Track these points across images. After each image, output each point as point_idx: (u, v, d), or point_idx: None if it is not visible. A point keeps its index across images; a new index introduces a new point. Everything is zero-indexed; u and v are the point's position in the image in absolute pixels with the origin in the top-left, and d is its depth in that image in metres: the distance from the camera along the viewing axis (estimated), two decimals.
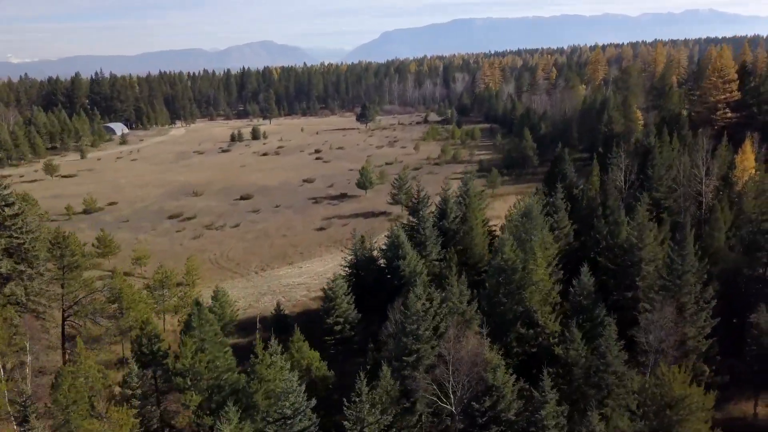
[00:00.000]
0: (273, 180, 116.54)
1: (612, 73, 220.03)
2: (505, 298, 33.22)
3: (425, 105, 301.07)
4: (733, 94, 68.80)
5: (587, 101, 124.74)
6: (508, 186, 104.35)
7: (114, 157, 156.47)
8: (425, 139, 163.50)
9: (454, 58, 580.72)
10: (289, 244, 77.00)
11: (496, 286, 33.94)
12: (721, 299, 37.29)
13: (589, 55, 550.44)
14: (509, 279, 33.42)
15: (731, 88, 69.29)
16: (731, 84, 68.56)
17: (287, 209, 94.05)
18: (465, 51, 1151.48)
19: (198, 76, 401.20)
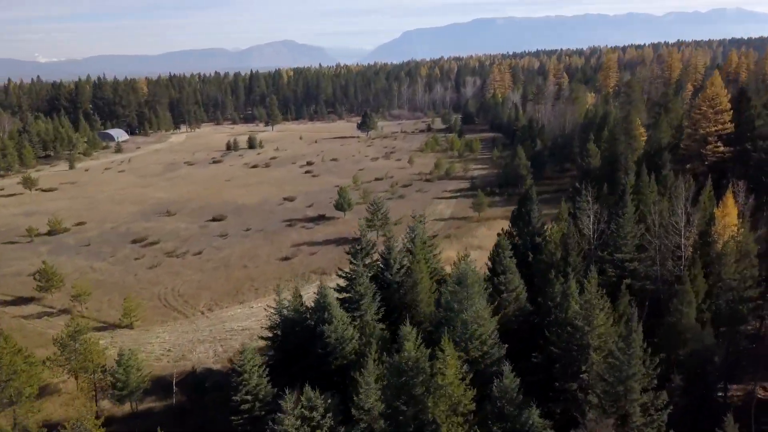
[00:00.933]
0: (253, 198, 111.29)
1: (625, 77, 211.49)
2: (404, 405, 27.12)
3: (435, 110, 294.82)
4: (726, 126, 60.65)
5: (589, 114, 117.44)
6: (497, 208, 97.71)
7: (103, 168, 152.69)
8: (423, 150, 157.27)
9: (470, 60, 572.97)
10: (247, 277, 71.47)
11: (395, 389, 27.80)
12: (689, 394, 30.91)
13: (611, 56, 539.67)
14: (410, 383, 27.33)
15: (723, 119, 60.52)
16: (723, 114, 61.40)
17: (257, 233, 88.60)
18: (485, 51, 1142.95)
19: (208, 78, 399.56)
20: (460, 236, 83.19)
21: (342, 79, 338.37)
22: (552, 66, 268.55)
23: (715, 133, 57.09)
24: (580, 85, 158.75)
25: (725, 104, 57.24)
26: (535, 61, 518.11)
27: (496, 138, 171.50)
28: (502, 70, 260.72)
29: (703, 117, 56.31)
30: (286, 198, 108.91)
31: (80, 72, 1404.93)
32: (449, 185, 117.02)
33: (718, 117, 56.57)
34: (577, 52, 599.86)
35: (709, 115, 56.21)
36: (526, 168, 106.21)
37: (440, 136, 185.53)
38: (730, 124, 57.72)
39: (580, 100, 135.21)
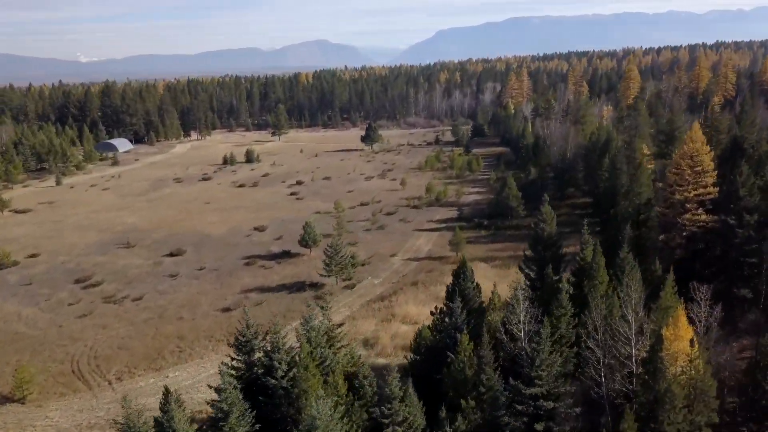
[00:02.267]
0: (223, 226, 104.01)
1: (649, 88, 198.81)
2: None
3: (452, 117, 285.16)
4: (709, 190, 48.75)
5: (593, 137, 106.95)
6: (480, 245, 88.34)
7: (89, 185, 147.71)
8: (422, 168, 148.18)
9: (497, 62, 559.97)
10: (176, 333, 63.83)
11: None
12: None
13: (642, 59, 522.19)
14: None
15: (705, 182, 48.59)
16: (705, 176, 49.91)
17: (210, 274, 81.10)
18: (519, 51, 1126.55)
19: (227, 82, 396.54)
20: (429, 283, 74.17)
21: (360, 84, 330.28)
22: (572, 73, 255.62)
23: (694, 199, 46.62)
24: (588, 101, 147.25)
25: (707, 164, 46.53)
26: (564, 64, 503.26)
27: (502, 154, 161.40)
28: (519, 76, 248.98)
29: (680, 178, 46.11)
30: (256, 228, 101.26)
31: (119, 71, 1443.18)
32: (437, 213, 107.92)
33: (699, 179, 46.17)
34: (609, 54, 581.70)
35: (687, 177, 45.92)
36: (516, 199, 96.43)
37: (446, 150, 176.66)
38: (714, 188, 47.03)
39: (587, 119, 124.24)
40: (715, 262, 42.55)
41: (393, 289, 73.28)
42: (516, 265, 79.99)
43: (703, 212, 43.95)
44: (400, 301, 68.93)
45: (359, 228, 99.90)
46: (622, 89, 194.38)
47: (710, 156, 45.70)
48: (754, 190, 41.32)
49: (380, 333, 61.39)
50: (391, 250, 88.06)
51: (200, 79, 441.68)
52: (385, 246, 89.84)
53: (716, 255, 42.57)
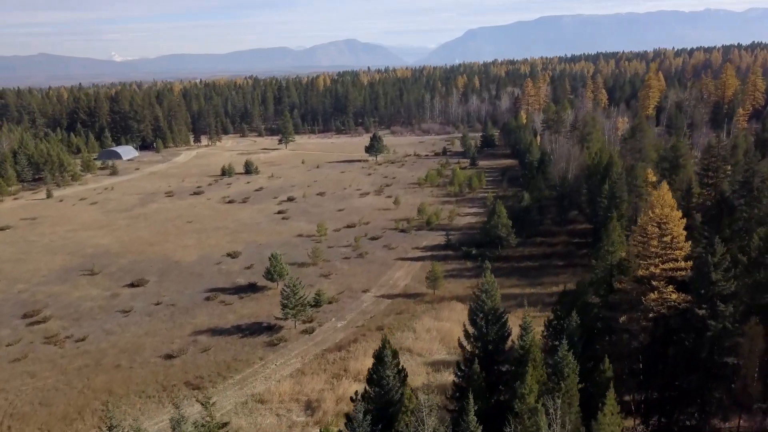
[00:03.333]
0: (197, 251, 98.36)
1: (671, 97, 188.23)
2: None
3: (468, 123, 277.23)
4: (680, 265, 37.49)
5: (595, 159, 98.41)
6: (462, 280, 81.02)
7: (79, 197, 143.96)
8: (421, 184, 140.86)
9: (522, 64, 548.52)
10: (107, 386, 57.92)
11: None
12: None
13: (672, 61, 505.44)
14: None
15: (676, 256, 37.66)
16: (675, 250, 37.41)
17: (165, 310, 75.30)
18: (549, 51, 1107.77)
19: (244, 87, 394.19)
20: (395, 328, 67.18)
21: (376, 89, 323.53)
22: (590, 80, 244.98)
23: (662, 276, 38.18)
24: (594, 116, 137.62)
25: (678, 232, 38.07)
26: (591, 66, 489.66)
27: (509, 169, 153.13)
28: (536, 83, 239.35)
29: (645, 249, 37.92)
30: (229, 254, 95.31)
31: (151, 70, 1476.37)
32: (425, 238, 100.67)
33: (668, 252, 37.83)
34: (638, 56, 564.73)
35: (653, 248, 37.66)
36: (506, 228, 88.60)
37: (452, 162, 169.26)
38: (687, 263, 38.42)
39: (594, 136, 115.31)
40: (686, 355, 34.67)
41: (355, 335, 66.48)
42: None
43: (674, 290, 35.91)
44: (358, 352, 62.09)
45: (338, 255, 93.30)
46: (641, 98, 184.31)
47: (682, 224, 37.48)
48: (732, 272, 33.27)
49: (326, 394, 54.71)
50: (365, 284, 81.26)
51: (216, 82, 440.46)
52: (360, 279, 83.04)
53: (686, 348, 34.70)
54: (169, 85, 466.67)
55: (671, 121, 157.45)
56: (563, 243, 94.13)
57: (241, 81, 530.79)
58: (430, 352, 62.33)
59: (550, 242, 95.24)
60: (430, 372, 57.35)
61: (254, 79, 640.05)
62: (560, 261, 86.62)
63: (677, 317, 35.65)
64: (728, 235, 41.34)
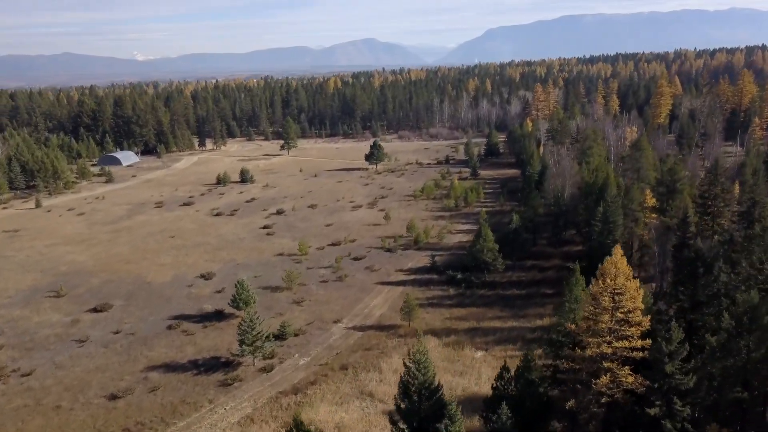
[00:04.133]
0: (172, 270, 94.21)
1: (685, 101, 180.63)
2: None
3: (478, 128, 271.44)
4: (635, 344, 31.11)
5: (590, 177, 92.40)
6: (442, 310, 75.77)
7: (67, 207, 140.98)
8: (416, 196, 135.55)
9: (539, 66, 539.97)
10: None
11: None
12: None
13: (693, 63, 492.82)
14: None
15: (631, 333, 31.32)
16: (631, 326, 31.05)
17: (123, 340, 71.09)
18: (570, 51, 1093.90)
19: (255, 88, 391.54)
20: (361, 368, 62.13)
21: (385, 92, 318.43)
22: (601, 86, 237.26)
23: (614, 356, 32.15)
24: (595, 129, 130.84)
25: (634, 305, 32.03)
26: (607, 69, 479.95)
27: (511, 180, 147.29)
28: (546, 88, 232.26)
29: (595, 322, 32.17)
30: (203, 275, 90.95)
31: (172, 69, 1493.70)
32: (411, 259, 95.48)
33: (623, 329, 32.03)
34: (658, 57, 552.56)
35: (603, 324, 31.82)
36: (492, 253, 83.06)
37: (454, 171, 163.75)
38: (644, 342, 32.13)
39: (594, 151, 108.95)
40: None
41: (316, 375, 61.57)
42: (474, 343, 67.48)
43: (630, 373, 30.19)
44: (315, 397, 57.25)
45: (316, 278, 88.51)
46: (653, 106, 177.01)
47: (639, 296, 31.73)
48: (693, 362, 27.65)
49: None
50: (338, 313, 76.33)
51: (229, 83, 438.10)
52: (334, 307, 78.16)
53: None
54: (182, 87, 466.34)
55: (683, 130, 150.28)
56: (555, 267, 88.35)
57: (253, 82, 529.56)
58: (393, 397, 57.22)
59: (541, 266, 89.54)
60: (385, 428, 52.25)
61: (265, 80, 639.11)
62: (549, 288, 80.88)
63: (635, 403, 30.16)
64: (705, 298, 35.66)
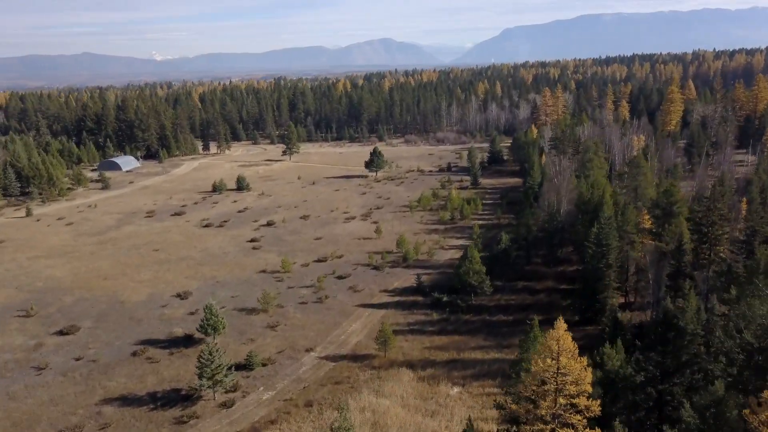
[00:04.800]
0: (148, 288, 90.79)
1: (698, 108, 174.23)
2: None
3: (486, 132, 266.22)
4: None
5: (588, 193, 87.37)
6: (422, 337, 71.41)
7: (57, 216, 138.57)
8: (412, 207, 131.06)
9: (552, 67, 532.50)
10: None
11: None
12: None
13: (711, 64, 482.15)
14: None
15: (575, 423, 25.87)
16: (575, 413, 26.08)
17: (84, 368, 67.56)
18: (587, 51, 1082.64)
19: (264, 90, 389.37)
20: (327, 405, 57.88)
21: (393, 95, 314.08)
22: (611, 91, 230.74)
23: None
24: (596, 142, 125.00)
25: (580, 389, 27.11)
26: (622, 71, 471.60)
27: (512, 190, 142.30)
28: (555, 92, 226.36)
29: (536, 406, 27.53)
30: (179, 294, 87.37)
31: (190, 69, 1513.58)
32: (398, 278, 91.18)
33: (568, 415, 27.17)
34: (675, 58, 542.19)
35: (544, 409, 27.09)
36: (478, 275, 78.45)
37: (455, 180, 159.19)
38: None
39: (594, 164, 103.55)
40: None
41: (278, 412, 57.52)
42: (451, 377, 63.06)
43: None
44: None
45: (295, 299, 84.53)
46: (662, 112, 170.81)
47: (588, 377, 27.14)
48: None
49: None
50: (312, 339, 72.25)
51: (239, 85, 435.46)
52: (309, 333, 74.10)
53: None
54: (190, 89, 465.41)
55: (693, 139, 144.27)
56: (548, 290, 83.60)
57: (263, 84, 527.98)
58: None
59: (533, 288, 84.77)
60: None
61: (276, 81, 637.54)
62: (538, 315, 75.49)
63: None
64: (674, 368, 30.86)
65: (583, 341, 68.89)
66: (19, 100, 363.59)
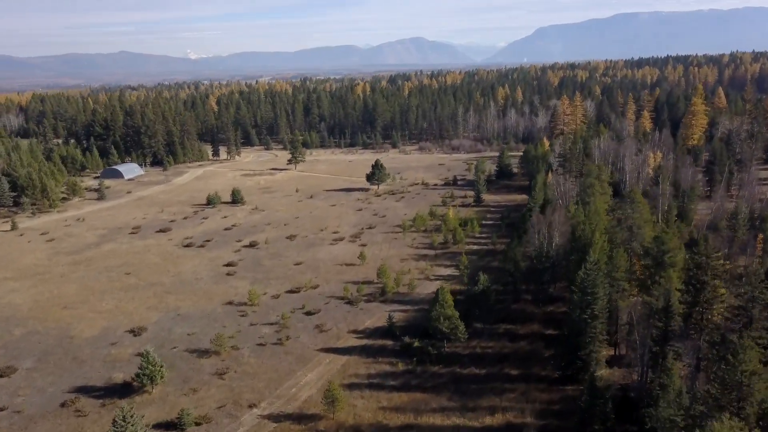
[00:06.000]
0: (105, 321, 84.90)
1: (723, 120, 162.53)
2: None
3: (504, 140, 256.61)
4: None
5: (579, 228, 78.32)
6: (380, 394, 63.63)
7: (42, 231, 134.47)
8: (406, 228, 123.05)
9: (580, 71, 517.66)
10: None
11: None
12: None
13: (749, 67, 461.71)
14: None
15: None
16: None
17: (5, 420, 61.60)
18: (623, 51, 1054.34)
19: (283, 94, 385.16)
20: None
21: (412, 99, 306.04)
22: (631, 101, 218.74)
23: None
24: (596, 165, 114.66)
25: None
26: (653, 74, 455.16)
27: (516, 209, 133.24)
28: (573, 100, 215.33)
29: None
30: (133, 330, 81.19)
31: (223, 68, 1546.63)
32: (371, 316, 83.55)
33: None
34: (711, 60, 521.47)
35: None
36: (450, 321, 70.34)
37: (458, 196, 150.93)
38: None
39: (595, 189, 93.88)
40: None
41: None
42: None
43: None
44: None
45: (254, 339, 77.61)
46: (684, 126, 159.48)
47: None
48: None
49: None
50: (259, 392, 65.15)
51: (252, 87, 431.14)
52: (258, 383, 67.02)
53: None
54: (208, 91, 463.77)
55: (715, 156, 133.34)
56: (531, 336, 75.05)
57: (283, 86, 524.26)
58: None
59: (515, 332, 76.34)
60: None
61: (302, 81, 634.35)
62: (515, 368, 67.80)
63: None
64: None
65: (560, 405, 60.60)
66: (39, 101, 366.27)
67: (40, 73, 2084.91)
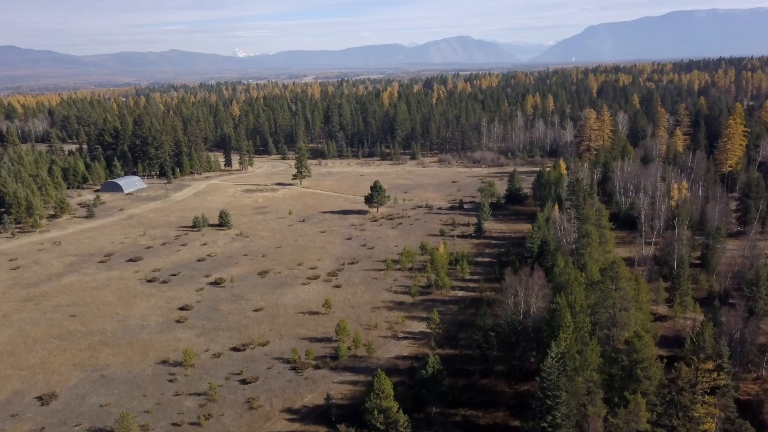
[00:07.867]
0: (16, 383, 75.33)
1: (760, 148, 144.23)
2: None
3: (530, 152, 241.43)
4: None
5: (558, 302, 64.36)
6: None
7: (10, 257, 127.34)
8: (388, 267, 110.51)
9: (623, 74, 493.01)
10: None
11: None
12: None
13: None
14: None
15: None
16: None
17: None
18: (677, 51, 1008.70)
19: (306, 98, 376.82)
20: None
21: (435, 109, 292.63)
22: (664, 115, 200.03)
23: None
24: (601, 208, 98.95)
25: None
26: (703, 76, 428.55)
27: (520, 243, 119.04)
28: (601, 114, 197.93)
29: None
30: (42, 397, 71.45)
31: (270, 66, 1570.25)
32: (315, 387, 71.46)
33: None
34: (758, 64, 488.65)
35: None
36: (385, 416, 57.80)
37: (460, 224, 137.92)
38: None
39: (592, 241, 79.17)
40: None
41: None
42: None
43: None
44: None
45: (172, 415, 66.64)
46: (720, 149, 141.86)
47: None
48: None
49: None
50: None
51: (275, 95, 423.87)
52: None
53: None
54: (232, 97, 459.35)
55: (749, 189, 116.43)
56: (493, 429, 61.84)
57: (316, 89, 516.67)
58: None
59: (475, 421, 63.29)
60: None
61: (329, 85, 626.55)
62: None
63: None
64: None
65: None
66: (66, 106, 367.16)
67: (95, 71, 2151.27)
